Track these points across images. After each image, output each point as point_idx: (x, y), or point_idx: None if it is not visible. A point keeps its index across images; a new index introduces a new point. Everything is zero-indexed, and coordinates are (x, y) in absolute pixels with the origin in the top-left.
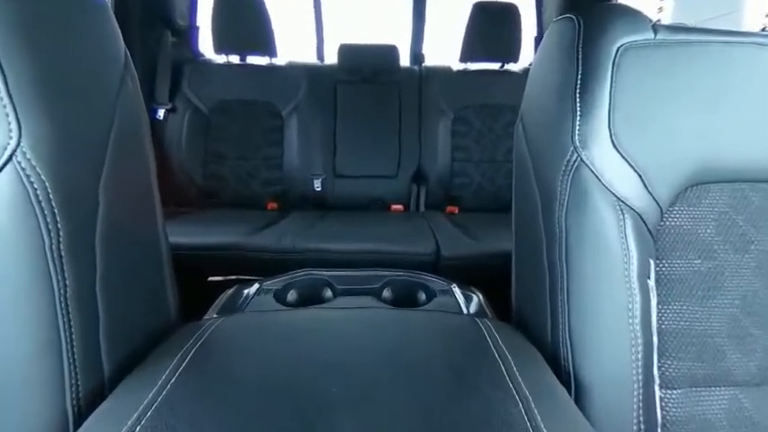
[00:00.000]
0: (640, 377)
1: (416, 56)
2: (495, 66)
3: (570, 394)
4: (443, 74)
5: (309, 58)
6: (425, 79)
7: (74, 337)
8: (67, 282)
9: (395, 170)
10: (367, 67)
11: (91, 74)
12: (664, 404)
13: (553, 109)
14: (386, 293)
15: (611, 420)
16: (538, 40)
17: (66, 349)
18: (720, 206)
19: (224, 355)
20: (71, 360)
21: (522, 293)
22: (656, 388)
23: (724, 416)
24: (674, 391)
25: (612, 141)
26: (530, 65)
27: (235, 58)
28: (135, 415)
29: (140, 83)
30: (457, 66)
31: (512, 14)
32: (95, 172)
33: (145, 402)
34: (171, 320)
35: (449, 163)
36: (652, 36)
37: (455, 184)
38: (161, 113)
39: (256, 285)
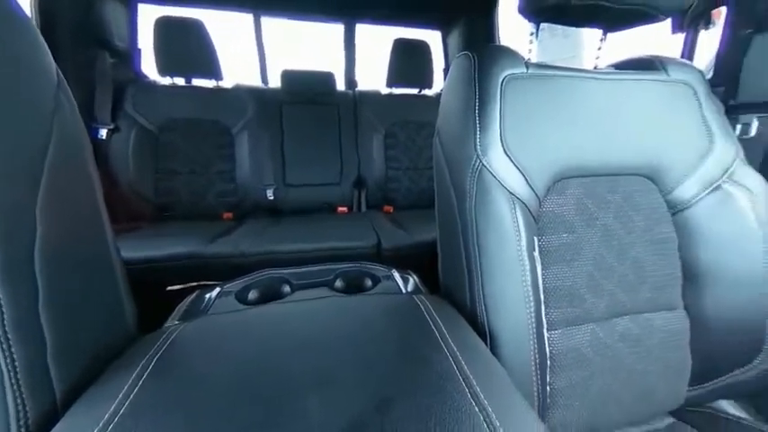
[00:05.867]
0: (533, 324)
1: (350, 81)
2: (414, 91)
3: (486, 344)
4: (374, 97)
5: (252, 82)
6: (359, 101)
7: (17, 365)
8: (4, 309)
9: (338, 178)
10: (308, 91)
11: (20, 91)
12: (550, 341)
13: (460, 125)
14: (338, 283)
15: (516, 358)
16: (446, 70)
17: (8, 378)
18: (578, 194)
19: (188, 358)
20: (16, 388)
21: (446, 271)
22: (545, 330)
23: (588, 344)
24: (556, 331)
25: (504, 149)
26: (441, 90)
27: (180, 81)
28: (95, 430)
29: (78, 102)
30: (384, 90)
31: (424, 49)
32: (31, 192)
33: (106, 416)
34: (130, 332)
35: (383, 170)
36: (525, 70)
37: (389, 188)
38: (103, 133)
39: (217, 289)
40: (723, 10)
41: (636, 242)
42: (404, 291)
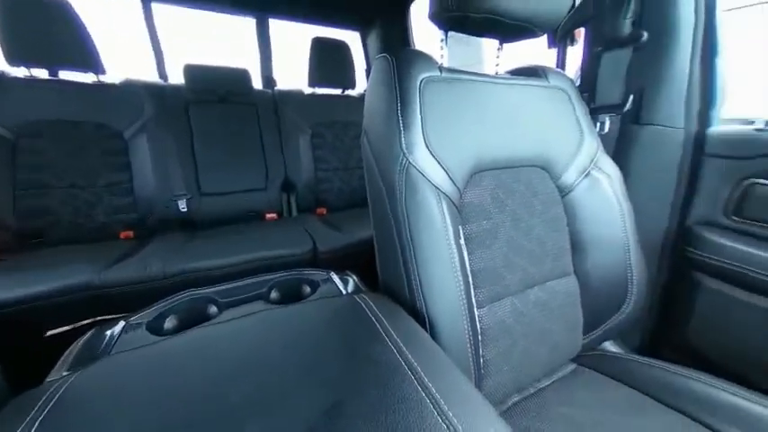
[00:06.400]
0: (465, 305)
1: (268, 80)
2: (338, 91)
3: (426, 330)
4: (297, 96)
5: (146, 77)
6: (280, 101)
7: None
8: None
9: (263, 183)
10: (219, 88)
11: None
12: (480, 318)
13: (385, 126)
14: (273, 295)
15: (453, 338)
16: (368, 71)
17: None
18: (491, 185)
19: (85, 412)
20: None
21: (384, 266)
22: (475, 309)
23: (509, 315)
24: (484, 309)
25: (427, 147)
26: (365, 91)
27: (42, 73)
28: None
29: None
30: (307, 90)
31: (343, 50)
32: None
33: None
34: None
35: (312, 172)
36: (439, 73)
37: (320, 189)
38: None
39: (121, 323)
40: (583, 30)
41: (537, 222)
42: (344, 292)
